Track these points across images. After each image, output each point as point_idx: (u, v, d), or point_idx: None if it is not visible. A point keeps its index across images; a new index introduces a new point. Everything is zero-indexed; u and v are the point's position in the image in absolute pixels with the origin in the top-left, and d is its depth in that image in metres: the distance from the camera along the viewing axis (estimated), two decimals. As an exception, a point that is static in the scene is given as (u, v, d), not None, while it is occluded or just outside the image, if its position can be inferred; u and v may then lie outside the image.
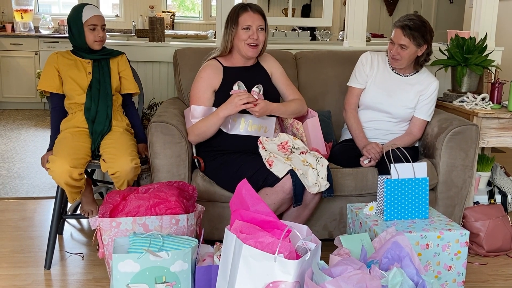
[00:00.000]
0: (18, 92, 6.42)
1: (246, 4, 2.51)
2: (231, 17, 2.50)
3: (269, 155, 2.35)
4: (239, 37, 2.47)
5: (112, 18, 7.48)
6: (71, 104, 2.61)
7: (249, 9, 2.48)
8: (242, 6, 2.50)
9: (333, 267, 1.57)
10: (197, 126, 2.45)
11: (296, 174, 2.26)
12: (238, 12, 2.48)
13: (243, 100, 2.34)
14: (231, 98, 2.37)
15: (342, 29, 6.46)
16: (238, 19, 2.47)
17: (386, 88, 2.76)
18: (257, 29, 2.47)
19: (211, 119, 2.42)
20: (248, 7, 2.48)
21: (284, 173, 2.26)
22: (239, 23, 2.46)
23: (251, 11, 2.47)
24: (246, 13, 2.47)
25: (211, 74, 2.52)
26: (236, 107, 2.34)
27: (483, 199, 3.16)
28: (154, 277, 1.87)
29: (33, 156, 4.46)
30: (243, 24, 2.46)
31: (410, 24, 2.60)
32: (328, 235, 2.63)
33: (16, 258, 2.59)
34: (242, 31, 2.46)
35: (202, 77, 2.52)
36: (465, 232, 2.12)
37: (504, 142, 2.89)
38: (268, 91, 2.57)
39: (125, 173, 2.39)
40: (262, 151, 2.40)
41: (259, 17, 2.48)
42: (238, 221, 1.69)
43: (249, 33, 2.46)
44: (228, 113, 2.37)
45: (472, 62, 3.06)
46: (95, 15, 2.59)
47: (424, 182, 2.23)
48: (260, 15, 2.49)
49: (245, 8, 2.48)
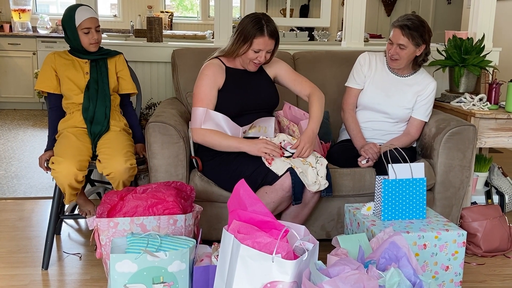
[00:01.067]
0: (16, 92, 6.41)
1: (263, 25, 2.40)
2: (246, 34, 2.40)
3: (268, 154, 2.35)
4: (247, 55, 2.45)
5: (110, 18, 7.47)
6: (69, 104, 2.61)
7: (266, 34, 2.39)
8: (259, 27, 2.39)
9: (331, 267, 1.57)
10: (211, 136, 2.39)
11: (296, 173, 2.26)
12: (255, 33, 2.39)
13: (268, 151, 2.32)
14: (260, 142, 2.34)
15: (340, 29, 6.46)
16: (253, 40, 2.40)
17: (384, 89, 2.77)
18: (266, 52, 2.45)
19: (229, 142, 2.37)
20: (265, 31, 2.39)
21: (283, 171, 2.26)
22: (252, 45, 2.41)
23: (267, 37, 2.40)
24: (262, 38, 2.39)
25: (216, 72, 2.49)
26: (258, 152, 2.33)
27: (480, 199, 3.17)
28: (151, 277, 1.87)
29: (30, 156, 4.46)
30: (255, 47, 2.41)
31: (409, 24, 2.60)
32: (325, 235, 2.63)
33: (13, 258, 2.58)
34: (251, 51, 2.43)
35: (207, 75, 2.48)
36: (463, 232, 2.12)
37: (501, 143, 2.90)
38: (266, 97, 2.57)
39: (119, 174, 2.39)
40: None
41: (272, 42, 2.44)
42: (236, 221, 1.69)
43: (257, 55, 2.44)
44: (248, 151, 2.35)
45: (469, 62, 3.07)
46: (88, 18, 2.55)
47: (421, 182, 2.23)
48: (274, 39, 2.44)
49: (262, 32, 2.39)
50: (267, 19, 2.44)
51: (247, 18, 2.45)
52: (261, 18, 2.43)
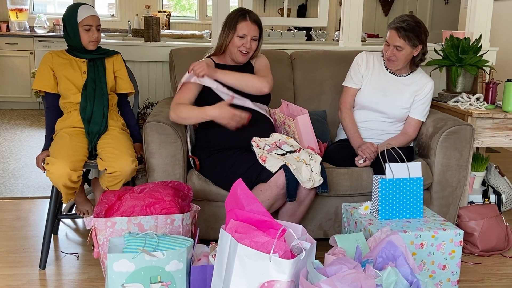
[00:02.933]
0: (13, 91, 6.40)
1: (245, 12, 2.56)
2: (230, 22, 2.55)
3: (262, 152, 2.36)
4: (233, 43, 2.54)
5: (107, 17, 7.47)
6: (66, 104, 2.60)
7: (248, 19, 2.53)
8: (242, 13, 2.56)
9: (328, 267, 1.58)
10: (182, 110, 2.46)
11: (290, 170, 2.27)
12: (237, 19, 2.53)
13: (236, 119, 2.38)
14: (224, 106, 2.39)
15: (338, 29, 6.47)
16: (236, 26, 2.53)
17: (382, 88, 2.77)
18: (251, 38, 2.54)
19: (198, 114, 2.44)
20: (247, 16, 2.54)
21: (277, 168, 2.27)
22: (236, 30, 2.52)
23: (249, 21, 2.53)
24: (244, 22, 2.52)
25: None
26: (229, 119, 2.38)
27: (477, 198, 3.18)
28: (149, 276, 1.87)
29: (28, 156, 4.45)
30: (239, 32, 2.52)
31: (404, 26, 2.60)
32: (323, 235, 2.64)
33: (11, 258, 2.58)
34: (237, 38, 2.53)
35: None
36: (460, 232, 2.12)
37: (498, 142, 2.90)
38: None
39: (125, 174, 2.39)
40: (256, 148, 2.41)
41: (255, 28, 2.55)
42: (233, 221, 1.69)
43: (242, 41, 2.53)
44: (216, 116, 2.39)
45: (466, 62, 3.08)
46: (90, 15, 2.57)
47: (418, 181, 2.23)
48: (257, 25, 2.56)
49: (244, 17, 2.54)
50: (248, 10, 2.60)
51: (231, 12, 2.63)
52: (243, 8, 2.62)
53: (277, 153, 2.38)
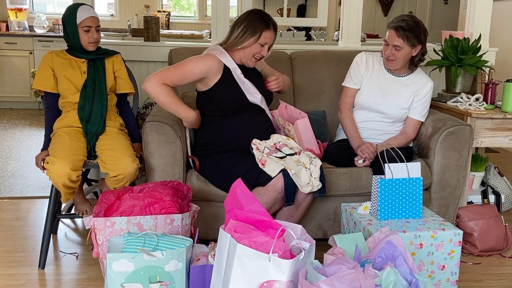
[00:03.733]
0: (13, 91, 6.39)
1: (268, 20, 2.48)
2: (255, 27, 2.45)
3: (262, 155, 2.36)
4: (252, 49, 2.48)
5: (107, 17, 7.46)
6: (65, 103, 2.60)
7: (272, 28, 2.48)
8: (266, 21, 2.47)
9: (327, 267, 1.58)
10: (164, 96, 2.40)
11: (288, 174, 2.26)
12: (263, 27, 2.45)
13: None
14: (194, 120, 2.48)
15: (337, 29, 6.47)
16: (261, 33, 2.45)
17: (381, 89, 2.77)
18: (269, 46, 2.52)
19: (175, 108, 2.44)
20: (271, 25, 2.48)
21: (276, 172, 2.27)
22: (260, 38, 2.46)
23: (273, 31, 2.49)
24: (269, 32, 2.47)
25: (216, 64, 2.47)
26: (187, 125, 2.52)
27: (476, 199, 3.18)
28: (148, 276, 1.87)
29: (27, 155, 4.45)
30: (262, 41, 2.46)
31: (403, 25, 2.60)
32: (322, 235, 2.64)
33: (10, 257, 2.58)
34: (257, 45, 2.47)
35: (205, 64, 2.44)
36: (459, 232, 2.13)
37: (497, 142, 2.91)
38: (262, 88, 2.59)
39: (128, 175, 2.38)
40: (255, 151, 2.41)
41: (274, 37, 2.52)
42: (232, 221, 1.69)
43: (261, 49, 2.49)
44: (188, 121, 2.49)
45: (466, 62, 3.08)
46: (90, 16, 2.56)
47: (418, 182, 2.24)
48: (275, 35, 2.53)
49: (269, 26, 2.47)
50: (267, 14, 2.54)
51: (251, 13, 2.51)
52: (264, 13, 2.53)
53: (277, 156, 2.37)
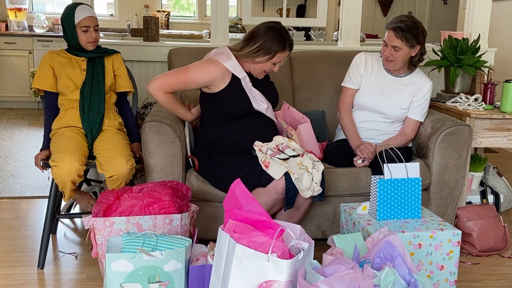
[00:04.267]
0: (12, 91, 6.40)
1: (286, 40, 2.42)
2: (270, 47, 2.39)
3: (265, 157, 2.35)
4: (264, 66, 2.45)
5: (106, 17, 7.46)
6: (64, 101, 2.60)
7: (288, 49, 2.44)
8: (283, 42, 2.41)
9: (326, 267, 1.58)
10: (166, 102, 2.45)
11: (291, 178, 2.26)
12: (278, 49, 2.40)
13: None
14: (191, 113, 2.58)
15: (337, 29, 6.47)
16: (275, 55, 2.41)
17: (380, 89, 2.77)
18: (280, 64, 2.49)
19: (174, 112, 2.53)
20: (288, 46, 2.43)
21: (280, 175, 2.26)
22: (274, 58, 2.42)
23: (288, 51, 2.45)
24: (284, 53, 2.44)
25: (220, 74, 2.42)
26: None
27: (475, 199, 3.18)
28: (147, 276, 1.87)
29: (26, 155, 4.45)
30: (275, 60, 2.44)
31: (402, 26, 2.61)
32: (321, 235, 2.64)
33: (9, 257, 2.58)
34: (269, 63, 2.44)
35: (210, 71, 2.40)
36: (457, 232, 2.13)
37: (496, 143, 2.91)
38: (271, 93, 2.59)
39: (122, 176, 2.39)
40: (258, 153, 2.39)
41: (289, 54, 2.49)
42: (231, 221, 1.69)
43: (273, 66, 2.47)
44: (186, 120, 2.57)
45: (465, 63, 3.08)
46: (87, 16, 2.56)
47: (417, 182, 2.24)
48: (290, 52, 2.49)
49: (285, 48, 2.42)
50: (286, 32, 2.45)
51: (270, 31, 2.41)
52: (283, 33, 2.42)
53: (280, 157, 2.37)
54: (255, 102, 2.47)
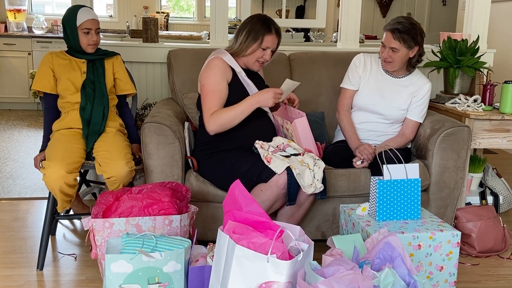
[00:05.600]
0: (11, 92, 6.39)
1: (270, 24, 2.49)
2: (257, 31, 2.47)
3: (267, 153, 2.36)
4: (255, 54, 2.50)
5: (106, 18, 7.46)
6: (64, 103, 2.60)
7: (274, 32, 2.48)
8: (268, 25, 2.48)
9: (326, 268, 1.58)
10: (221, 115, 2.40)
11: (292, 173, 2.27)
12: (264, 32, 2.46)
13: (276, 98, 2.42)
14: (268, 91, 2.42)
15: (336, 30, 6.48)
16: (263, 38, 2.46)
17: (379, 90, 2.78)
18: (271, 50, 2.52)
19: (240, 106, 2.41)
20: (273, 29, 2.48)
21: (282, 169, 2.27)
22: (263, 42, 2.47)
23: (275, 35, 2.49)
24: (271, 36, 2.48)
25: (224, 64, 2.49)
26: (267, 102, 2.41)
27: (475, 200, 3.18)
28: (147, 277, 1.87)
29: (25, 156, 4.45)
30: (264, 45, 2.48)
31: (399, 27, 2.61)
32: (321, 236, 2.64)
33: (8, 258, 2.58)
34: (260, 49, 2.49)
35: (218, 66, 2.47)
36: (457, 233, 2.13)
37: (495, 144, 2.91)
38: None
39: (120, 178, 2.39)
40: (260, 149, 2.40)
41: (277, 41, 2.52)
42: (231, 222, 1.69)
43: (264, 53, 2.50)
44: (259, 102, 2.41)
45: (464, 64, 3.08)
46: (90, 19, 2.56)
47: (416, 183, 2.24)
48: (278, 38, 2.52)
49: (270, 30, 2.47)
50: (271, 19, 2.54)
51: (253, 18, 2.52)
52: (267, 18, 2.53)
53: (282, 155, 2.38)
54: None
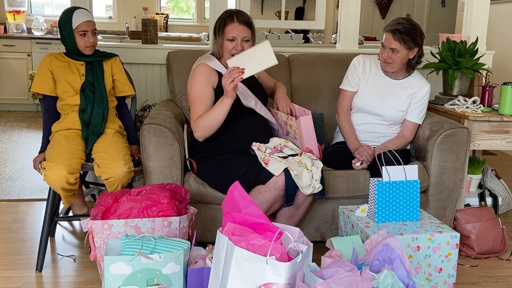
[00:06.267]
0: (10, 93, 6.39)
1: (233, 13, 2.47)
2: (218, 26, 2.47)
3: (264, 155, 2.36)
4: (225, 47, 2.47)
5: (105, 19, 7.47)
6: (64, 106, 2.60)
7: (235, 20, 2.43)
8: (229, 14, 2.46)
9: (325, 269, 1.58)
10: (203, 120, 2.40)
11: (290, 174, 2.27)
12: (224, 21, 2.45)
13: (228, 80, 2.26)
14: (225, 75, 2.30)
15: (335, 32, 6.48)
16: (224, 29, 2.45)
17: (378, 91, 2.78)
18: (242, 40, 2.45)
19: (219, 111, 2.36)
20: (235, 17, 2.44)
21: (280, 171, 2.27)
22: (225, 33, 2.44)
23: (237, 22, 2.43)
24: (232, 24, 2.43)
25: (209, 70, 2.49)
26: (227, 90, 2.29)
27: (474, 201, 3.18)
28: (146, 279, 1.87)
29: (25, 158, 4.45)
30: (228, 35, 2.44)
31: (400, 28, 2.62)
32: (320, 237, 2.64)
33: (7, 260, 2.58)
34: (227, 41, 2.45)
35: (201, 72, 2.48)
36: (456, 234, 2.13)
37: (494, 145, 2.91)
38: (258, 90, 2.61)
39: (119, 178, 2.39)
40: (257, 152, 2.41)
41: (245, 29, 2.44)
42: (230, 223, 1.69)
43: (233, 44, 2.45)
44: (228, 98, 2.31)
45: (463, 65, 3.09)
46: (85, 21, 2.56)
47: (415, 184, 2.24)
48: (246, 26, 2.44)
49: (232, 19, 2.44)
50: (238, 10, 2.50)
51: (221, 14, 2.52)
52: (231, 10, 2.50)
53: (279, 156, 2.38)
54: (243, 97, 2.49)
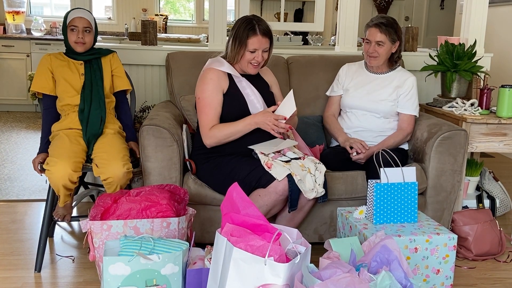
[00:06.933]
0: (9, 94, 6.39)
1: (254, 24, 2.43)
2: (240, 36, 2.44)
3: (267, 159, 2.36)
4: (245, 57, 2.47)
5: (104, 20, 7.47)
6: (64, 106, 2.60)
7: (258, 33, 2.42)
8: (251, 27, 2.43)
9: (323, 270, 1.59)
10: (221, 130, 2.41)
11: (293, 180, 2.27)
12: (248, 34, 2.42)
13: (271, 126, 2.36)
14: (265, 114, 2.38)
15: (334, 34, 6.49)
16: (247, 41, 2.43)
17: (365, 87, 2.86)
18: (263, 51, 2.47)
19: (241, 128, 2.41)
20: (258, 29, 2.43)
21: (283, 176, 2.26)
22: (247, 46, 2.44)
23: (260, 35, 2.43)
24: (256, 37, 2.42)
25: (220, 76, 2.49)
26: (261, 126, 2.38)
27: (471, 203, 3.19)
28: (144, 280, 1.87)
29: (24, 158, 4.45)
30: (250, 48, 2.44)
31: (384, 22, 2.78)
32: (318, 239, 2.65)
33: (6, 260, 2.58)
34: (248, 53, 2.45)
35: (212, 79, 2.47)
36: (453, 236, 2.14)
37: (492, 148, 2.92)
38: (268, 99, 2.59)
39: (117, 179, 2.39)
40: (260, 155, 2.39)
41: (266, 40, 2.46)
42: (229, 224, 1.70)
43: (254, 55, 2.46)
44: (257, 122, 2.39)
45: (461, 68, 3.10)
46: (77, 16, 2.59)
47: (413, 186, 2.25)
48: (267, 37, 2.47)
49: (255, 31, 2.42)
50: (258, 18, 2.48)
51: (238, 21, 2.49)
52: (251, 18, 2.48)
53: (282, 160, 2.37)
54: (251, 106, 2.50)
